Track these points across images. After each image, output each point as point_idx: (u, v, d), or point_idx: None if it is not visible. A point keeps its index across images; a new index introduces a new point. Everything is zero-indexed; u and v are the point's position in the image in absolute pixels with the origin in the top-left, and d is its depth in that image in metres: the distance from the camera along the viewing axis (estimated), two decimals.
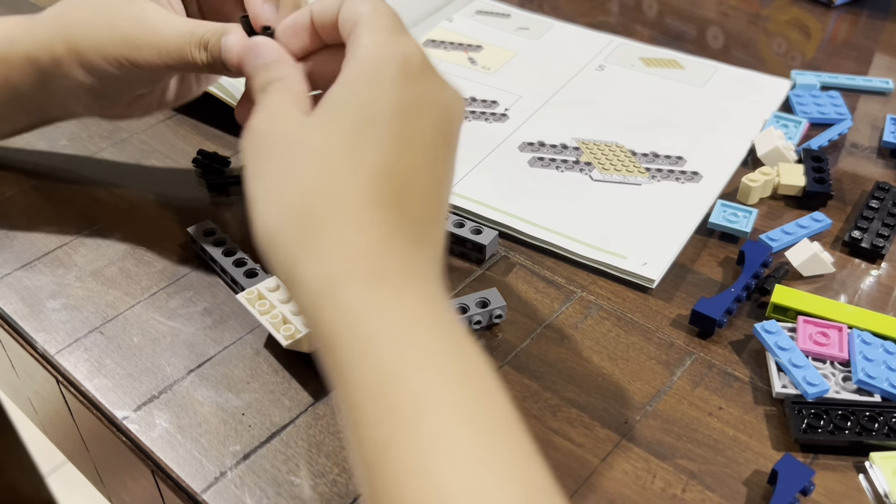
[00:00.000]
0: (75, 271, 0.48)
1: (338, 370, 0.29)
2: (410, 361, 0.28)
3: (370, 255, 0.30)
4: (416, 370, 0.28)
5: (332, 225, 0.31)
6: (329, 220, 0.31)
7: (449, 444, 0.26)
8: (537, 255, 0.49)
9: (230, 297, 0.46)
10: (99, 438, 0.43)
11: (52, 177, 0.55)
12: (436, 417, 0.27)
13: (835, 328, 0.43)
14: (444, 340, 0.29)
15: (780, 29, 0.72)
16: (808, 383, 0.40)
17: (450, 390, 0.28)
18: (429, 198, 0.33)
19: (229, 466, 0.38)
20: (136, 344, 0.44)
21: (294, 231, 0.31)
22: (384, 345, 0.28)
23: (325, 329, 0.30)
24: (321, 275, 0.30)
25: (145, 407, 0.41)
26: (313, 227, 0.31)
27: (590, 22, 0.72)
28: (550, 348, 0.44)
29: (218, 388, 0.41)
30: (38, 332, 0.45)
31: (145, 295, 0.46)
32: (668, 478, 0.38)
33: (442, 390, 0.28)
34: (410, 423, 0.27)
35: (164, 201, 0.53)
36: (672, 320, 0.45)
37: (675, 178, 0.54)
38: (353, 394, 0.28)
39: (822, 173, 0.53)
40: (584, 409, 0.41)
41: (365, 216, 0.31)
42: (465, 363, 0.29)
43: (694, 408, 0.41)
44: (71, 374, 0.42)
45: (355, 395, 0.28)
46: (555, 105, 0.61)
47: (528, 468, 0.27)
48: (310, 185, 0.31)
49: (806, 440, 0.39)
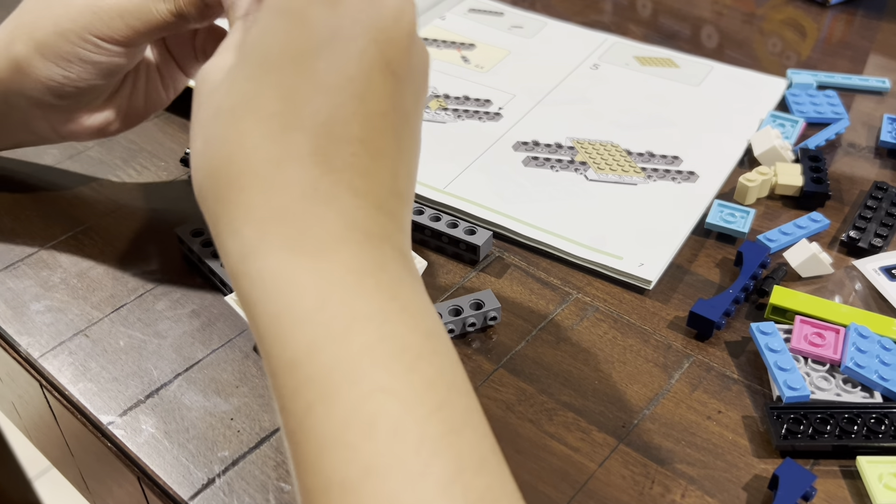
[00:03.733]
0: (60, 273, 0.47)
1: (258, 341, 0.28)
2: (324, 335, 0.27)
3: (284, 220, 0.28)
4: (330, 344, 0.26)
5: (242, 190, 0.28)
6: (237, 184, 0.28)
7: (368, 418, 0.25)
8: (532, 255, 0.49)
9: (218, 299, 0.45)
10: (84, 444, 0.42)
11: (36, 177, 0.53)
12: (353, 391, 0.26)
13: (832, 330, 0.42)
14: (370, 306, 0.27)
15: (775, 28, 0.72)
16: (788, 387, 0.39)
17: (370, 362, 0.26)
18: (365, 141, 0.29)
19: (217, 473, 0.37)
20: (121, 347, 0.43)
21: (212, 197, 0.29)
22: (298, 318, 0.27)
23: (243, 300, 0.29)
24: (236, 245, 0.28)
25: (131, 412, 0.40)
26: (226, 193, 0.29)
27: (583, 20, 0.72)
28: (546, 351, 0.43)
29: (206, 393, 0.40)
30: (22, 335, 0.43)
31: (132, 297, 0.45)
32: (666, 483, 0.37)
33: (360, 362, 0.26)
34: (325, 398, 0.26)
35: (152, 201, 0.52)
36: (669, 322, 0.44)
37: (672, 178, 0.53)
38: (271, 364, 0.27)
39: (820, 173, 0.52)
40: (580, 413, 0.40)
41: (275, 176, 0.28)
42: (392, 331, 0.27)
43: (692, 411, 0.40)
44: (55, 379, 0.41)
45: (274, 365, 0.27)
46: (549, 104, 0.60)
47: (459, 442, 0.26)
48: (220, 149, 0.29)
49: (786, 446, 0.38)
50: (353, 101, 0.29)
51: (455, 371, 0.28)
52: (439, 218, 0.48)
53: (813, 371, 0.41)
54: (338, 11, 0.29)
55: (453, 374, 0.28)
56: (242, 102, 0.29)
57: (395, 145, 0.30)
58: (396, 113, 0.30)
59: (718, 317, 0.43)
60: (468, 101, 0.61)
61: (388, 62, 0.30)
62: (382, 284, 0.28)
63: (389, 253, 0.29)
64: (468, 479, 0.25)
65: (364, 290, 0.28)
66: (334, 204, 0.28)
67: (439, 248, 0.49)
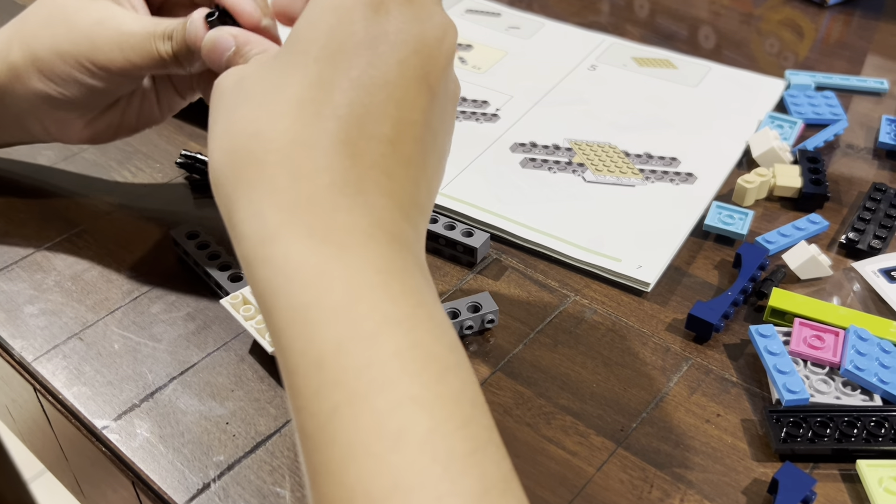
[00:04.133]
0: (54, 275, 0.46)
1: (275, 333, 0.27)
2: (354, 335, 0.26)
3: (311, 207, 0.27)
4: (359, 345, 0.26)
5: (267, 170, 0.28)
6: (263, 163, 0.28)
7: (397, 429, 0.24)
8: (530, 258, 0.48)
9: (214, 302, 0.45)
10: (78, 448, 0.42)
11: (31, 178, 0.53)
12: (382, 399, 0.25)
13: (831, 332, 0.42)
14: (398, 310, 0.26)
15: (773, 29, 0.72)
16: (788, 390, 0.39)
17: (400, 369, 0.25)
18: (395, 144, 0.29)
19: (213, 478, 0.37)
20: (116, 350, 0.42)
21: (231, 177, 0.29)
22: (325, 316, 0.26)
23: (261, 287, 0.27)
24: (256, 227, 0.27)
25: (126, 416, 0.39)
26: (248, 173, 0.28)
27: (581, 21, 0.71)
28: (544, 354, 0.43)
29: (201, 397, 0.40)
30: (16, 338, 0.43)
31: (126, 300, 0.45)
32: (665, 487, 0.37)
33: (390, 368, 0.25)
34: (353, 402, 0.25)
35: (147, 203, 0.51)
36: (668, 325, 0.44)
37: (670, 180, 0.53)
38: (291, 359, 0.26)
39: (819, 174, 0.52)
40: (578, 417, 0.39)
41: (304, 161, 0.28)
42: (420, 339, 0.26)
43: (691, 415, 0.40)
44: (49, 382, 0.41)
45: (294, 361, 0.26)
46: (547, 105, 0.60)
47: (484, 461, 0.25)
48: (247, 127, 0.29)
49: (785, 450, 0.37)
50: (389, 104, 0.29)
51: (475, 387, 0.27)
52: (436, 220, 0.48)
53: (812, 374, 0.41)
54: (385, 18, 0.30)
55: (474, 389, 0.27)
56: (276, 87, 0.29)
57: (422, 158, 0.30)
58: (426, 127, 0.30)
59: (717, 319, 0.43)
60: (465, 103, 0.60)
61: (426, 76, 0.30)
62: (408, 290, 0.27)
63: (411, 260, 0.29)
64: (493, 499, 0.25)
65: (391, 294, 0.27)
66: (361, 199, 0.28)
67: (436, 251, 0.48)
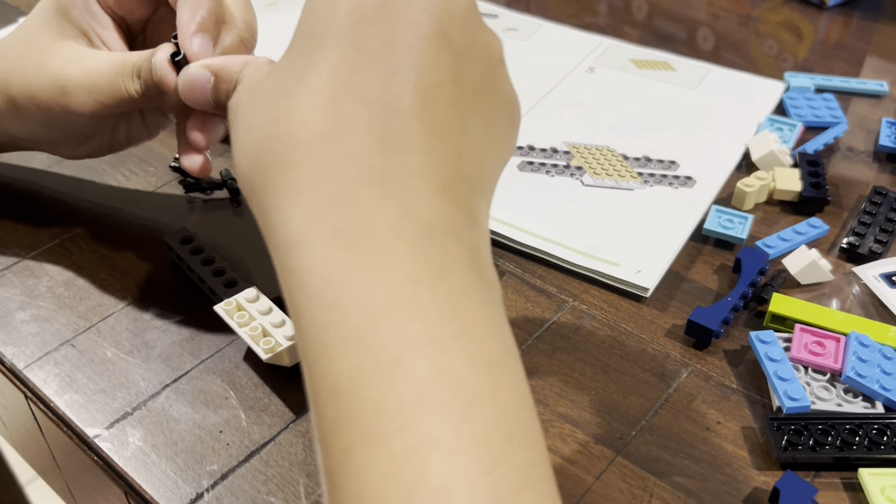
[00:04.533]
0: (46, 281, 0.46)
1: (302, 352, 0.25)
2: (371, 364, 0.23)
3: (334, 206, 0.25)
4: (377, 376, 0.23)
5: (291, 169, 0.26)
6: (286, 163, 0.26)
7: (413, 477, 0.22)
8: (527, 262, 0.48)
9: (207, 309, 0.44)
10: (70, 457, 0.41)
11: (23, 182, 0.53)
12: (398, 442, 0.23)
13: (832, 339, 0.42)
14: (425, 331, 0.24)
15: (772, 30, 0.71)
16: (789, 397, 0.39)
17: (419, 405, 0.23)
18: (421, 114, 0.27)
19: (206, 487, 0.36)
20: (109, 357, 0.42)
21: (261, 184, 0.27)
22: (343, 341, 0.24)
23: (289, 302, 0.26)
24: (284, 236, 0.26)
25: (118, 424, 0.39)
26: (274, 176, 0.26)
27: (578, 23, 0.71)
28: (542, 360, 0.42)
29: (195, 404, 0.40)
30: (7, 345, 0.43)
31: (119, 306, 0.44)
32: (665, 496, 0.36)
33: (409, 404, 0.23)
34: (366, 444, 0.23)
35: (141, 208, 0.51)
36: (667, 330, 0.44)
37: (669, 183, 0.53)
38: (313, 384, 0.24)
39: (819, 178, 0.52)
40: (577, 425, 0.39)
41: (326, 152, 0.26)
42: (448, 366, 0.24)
43: (691, 422, 0.39)
44: (40, 390, 0.40)
45: (316, 386, 0.24)
46: (544, 108, 0.60)
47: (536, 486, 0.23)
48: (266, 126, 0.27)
49: (786, 458, 0.37)
50: (405, 71, 0.27)
51: (520, 409, 0.24)
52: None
53: (813, 381, 0.40)
54: None
55: (517, 414, 0.24)
56: (289, 83, 0.28)
57: (458, 122, 0.27)
58: (456, 86, 0.27)
59: (717, 325, 0.42)
60: None
61: (442, 31, 0.27)
62: (442, 299, 0.24)
63: (454, 250, 0.26)
64: None
65: (420, 308, 0.24)
66: (390, 186, 0.25)
67: None
